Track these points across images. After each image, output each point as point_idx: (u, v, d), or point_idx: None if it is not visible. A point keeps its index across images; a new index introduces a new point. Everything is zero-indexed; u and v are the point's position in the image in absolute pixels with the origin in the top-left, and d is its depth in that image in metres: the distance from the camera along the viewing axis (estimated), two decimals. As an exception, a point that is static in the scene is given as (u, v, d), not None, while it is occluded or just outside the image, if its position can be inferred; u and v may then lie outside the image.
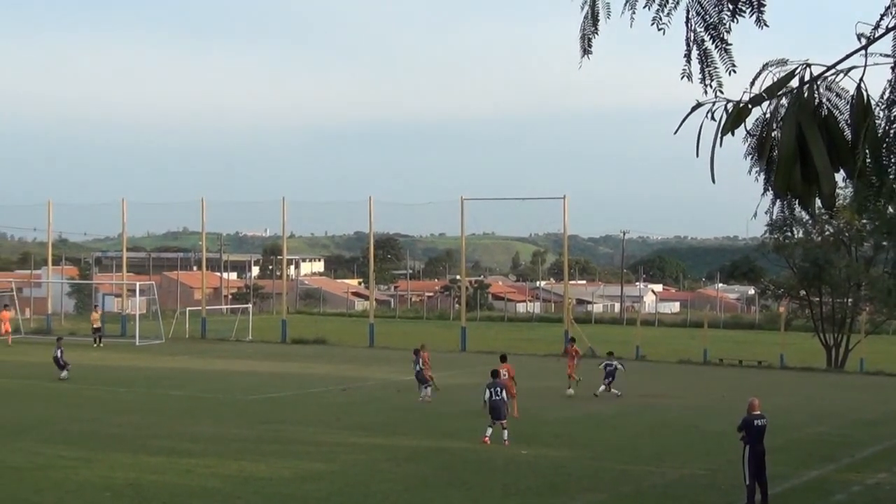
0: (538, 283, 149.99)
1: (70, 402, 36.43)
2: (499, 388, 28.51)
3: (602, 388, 39.51)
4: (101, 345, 61.67)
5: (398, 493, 21.47)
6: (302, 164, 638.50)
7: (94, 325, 64.60)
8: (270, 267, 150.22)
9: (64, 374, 42.75)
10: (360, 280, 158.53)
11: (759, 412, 21.06)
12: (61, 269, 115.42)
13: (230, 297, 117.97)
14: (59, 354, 43.28)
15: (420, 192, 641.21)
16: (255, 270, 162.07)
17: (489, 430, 27.88)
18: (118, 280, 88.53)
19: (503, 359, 34.49)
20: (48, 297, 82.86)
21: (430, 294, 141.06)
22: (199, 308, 74.11)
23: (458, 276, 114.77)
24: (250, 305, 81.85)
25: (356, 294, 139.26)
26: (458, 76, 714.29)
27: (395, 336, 70.65)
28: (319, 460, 25.26)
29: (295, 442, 28.03)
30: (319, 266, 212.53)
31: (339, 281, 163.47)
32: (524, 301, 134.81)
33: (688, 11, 8.90)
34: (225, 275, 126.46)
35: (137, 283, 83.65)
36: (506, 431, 27.88)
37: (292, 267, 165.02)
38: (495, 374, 30.35)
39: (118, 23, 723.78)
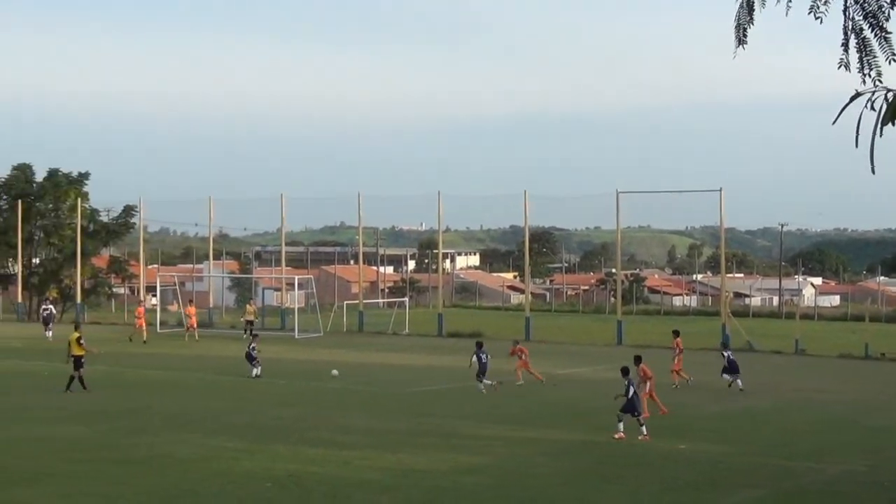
0: (695, 276, 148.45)
1: (232, 394, 37.19)
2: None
3: (730, 379, 39.62)
4: (248, 336, 62.72)
5: (555, 488, 21.47)
6: (457, 158, 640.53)
7: (247, 318, 65.87)
8: (426, 261, 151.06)
9: (256, 371, 41.99)
10: (516, 274, 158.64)
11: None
12: (222, 264, 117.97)
13: (387, 290, 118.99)
14: (252, 351, 43.16)
15: (575, 185, 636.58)
16: (412, 264, 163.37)
17: (621, 425, 27.61)
18: (277, 274, 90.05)
19: (637, 360, 32.87)
20: (209, 291, 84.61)
21: (586, 288, 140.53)
22: (357, 302, 74.95)
23: (613, 270, 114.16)
24: (406, 299, 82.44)
25: (512, 287, 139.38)
26: (613, 68, 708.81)
27: (551, 330, 70.54)
28: (476, 453, 25.37)
29: (451, 435, 28.19)
30: (475, 260, 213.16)
31: (494, 275, 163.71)
32: (680, 294, 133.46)
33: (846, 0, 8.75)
34: (381, 269, 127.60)
35: (296, 277, 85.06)
36: (643, 427, 27.57)
37: (448, 261, 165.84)
38: (626, 371, 29.42)
39: (264, 21, 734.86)
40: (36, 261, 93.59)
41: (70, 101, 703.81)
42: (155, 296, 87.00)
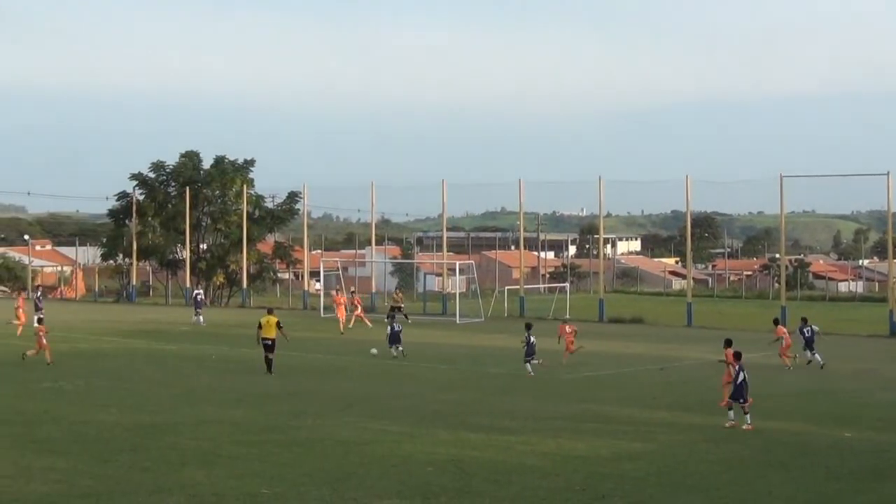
0: (861, 261, 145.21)
1: (393, 378, 37.58)
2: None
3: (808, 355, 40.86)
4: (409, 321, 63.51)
5: (717, 475, 21.28)
6: (619, 142, 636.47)
7: (394, 305, 66.64)
8: (587, 246, 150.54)
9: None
10: (677, 259, 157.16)
11: None
12: (384, 249, 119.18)
13: (547, 276, 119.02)
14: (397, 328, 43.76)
15: (737, 169, 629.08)
16: (572, 249, 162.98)
17: (731, 413, 27.14)
18: (439, 259, 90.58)
19: (728, 343, 31.66)
20: (372, 276, 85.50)
21: (749, 273, 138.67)
22: (518, 287, 75.08)
23: (777, 255, 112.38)
24: (567, 284, 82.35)
25: (673, 273, 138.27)
26: (774, 51, 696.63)
27: (713, 315, 69.85)
28: (637, 440, 25.26)
29: (612, 421, 28.10)
30: (636, 245, 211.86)
31: (655, 260, 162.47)
32: (846, 280, 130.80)
33: None
34: (542, 254, 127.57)
35: (457, 263, 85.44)
36: (748, 416, 27.02)
37: (609, 246, 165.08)
38: (738, 355, 28.50)
39: (438, 6, 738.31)
40: (203, 246, 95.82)
41: (236, 89, 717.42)
42: (318, 281, 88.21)
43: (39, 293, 65.59)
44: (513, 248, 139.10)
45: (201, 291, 71.25)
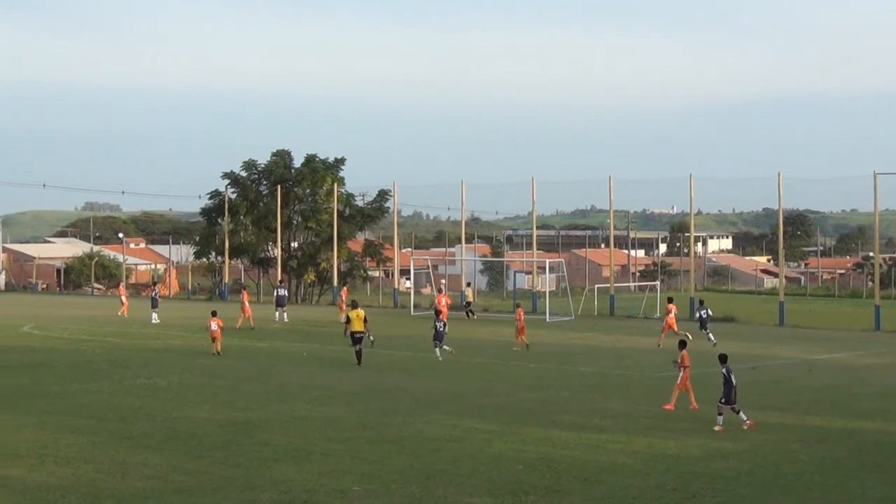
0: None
1: (482, 376, 37.60)
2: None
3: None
4: (470, 318, 63.87)
5: (809, 475, 21.07)
6: (710, 140, 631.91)
7: (467, 300, 68.37)
8: (678, 244, 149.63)
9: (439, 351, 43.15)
10: (769, 257, 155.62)
11: None
12: (474, 247, 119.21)
13: (637, 274, 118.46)
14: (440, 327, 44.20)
15: (830, 166, 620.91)
16: (663, 248, 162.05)
17: (720, 418, 26.73)
18: (528, 258, 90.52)
19: (682, 345, 31.54)
20: (462, 273, 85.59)
21: (842, 271, 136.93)
22: (608, 285, 74.81)
23: (870, 253, 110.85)
24: (658, 283, 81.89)
25: (765, 271, 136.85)
26: (870, 47, 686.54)
27: (805, 314, 69.11)
28: (728, 439, 25.07)
29: (703, 420, 27.88)
30: (727, 243, 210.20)
31: (747, 258, 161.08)
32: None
33: None
34: (632, 252, 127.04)
35: (547, 261, 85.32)
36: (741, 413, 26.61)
37: (700, 244, 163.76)
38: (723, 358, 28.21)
39: (531, 6, 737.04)
40: (294, 244, 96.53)
41: (327, 88, 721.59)
42: (409, 279, 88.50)
43: (156, 292, 66.75)
44: (603, 246, 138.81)
45: (284, 288, 71.73)
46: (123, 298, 66.37)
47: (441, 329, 42.95)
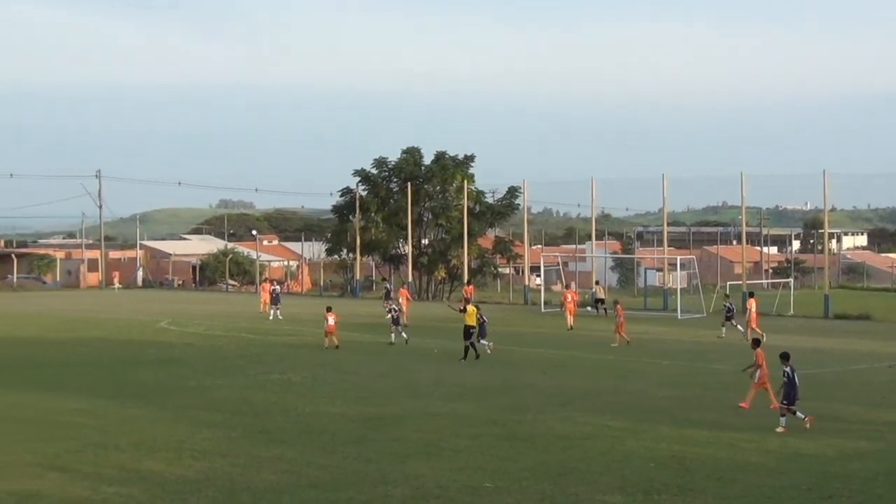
0: None
1: (614, 374, 37.44)
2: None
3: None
4: (602, 314, 63.24)
5: (950, 476, 20.66)
6: (844, 135, 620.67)
7: (598, 297, 67.80)
8: (811, 241, 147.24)
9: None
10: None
11: None
12: (604, 244, 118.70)
13: (770, 271, 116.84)
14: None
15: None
16: (796, 244, 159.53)
17: (783, 419, 25.95)
18: (659, 254, 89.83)
19: (756, 343, 31.18)
20: (592, 270, 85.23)
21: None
22: (740, 282, 73.90)
23: None
24: (791, 280, 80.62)
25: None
26: None
27: (945, 312, 67.62)
28: (864, 439, 24.66)
29: (838, 419, 27.47)
30: (862, 240, 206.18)
31: (883, 255, 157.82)
32: None
33: None
34: (765, 249, 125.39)
35: (678, 258, 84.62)
36: (783, 419, 25.83)
37: (834, 241, 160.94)
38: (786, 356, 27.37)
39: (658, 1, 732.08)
40: (425, 241, 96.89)
41: (456, 85, 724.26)
42: (539, 276, 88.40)
43: (278, 287, 67.78)
44: (734, 242, 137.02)
45: (389, 286, 72.18)
46: (264, 295, 67.38)
47: (484, 323, 43.14)
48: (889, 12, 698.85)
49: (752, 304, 50.95)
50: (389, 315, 47.84)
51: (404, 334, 47.11)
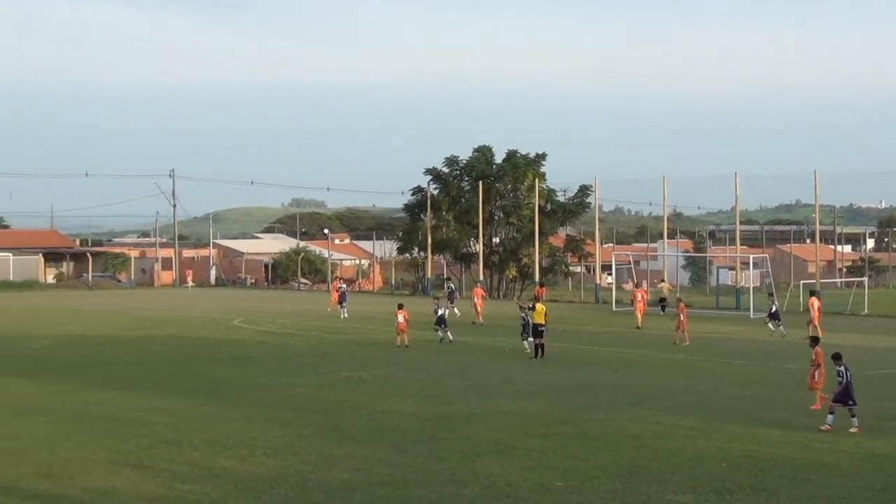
0: None
1: (685, 373, 37.23)
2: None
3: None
4: (665, 313, 62.30)
5: None
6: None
7: (661, 296, 67.62)
8: (886, 239, 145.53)
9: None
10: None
11: None
12: (676, 243, 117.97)
13: (844, 270, 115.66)
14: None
15: None
16: (870, 243, 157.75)
17: (831, 417, 25.48)
18: (732, 253, 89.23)
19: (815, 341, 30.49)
20: (664, 269, 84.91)
21: None
22: (813, 281, 73.23)
23: None
24: (866, 279, 79.77)
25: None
26: None
27: None
28: (941, 440, 24.37)
29: (914, 420, 27.20)
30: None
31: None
32: None
33: None
34: (839, 247, 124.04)
35: (751, 256, 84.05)
36: (855, 419, 25.36)
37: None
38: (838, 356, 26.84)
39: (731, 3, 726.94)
40: (496, 240, 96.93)
41: (528, 83, 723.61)
42: (610, 275, 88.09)
43: (345, 286, 68.26)
44: (808, 241, 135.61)
45: (453, 286, 72.98)
46: (334, 293, 67.74)
47: (524, 322, 42.99)
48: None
49: (813, 302, 50.45)
50: (441, 312, 47.95)
51: (450, 334, 46.88)
